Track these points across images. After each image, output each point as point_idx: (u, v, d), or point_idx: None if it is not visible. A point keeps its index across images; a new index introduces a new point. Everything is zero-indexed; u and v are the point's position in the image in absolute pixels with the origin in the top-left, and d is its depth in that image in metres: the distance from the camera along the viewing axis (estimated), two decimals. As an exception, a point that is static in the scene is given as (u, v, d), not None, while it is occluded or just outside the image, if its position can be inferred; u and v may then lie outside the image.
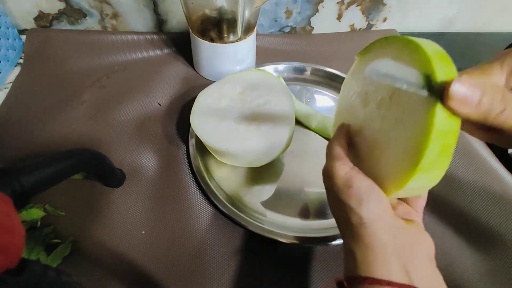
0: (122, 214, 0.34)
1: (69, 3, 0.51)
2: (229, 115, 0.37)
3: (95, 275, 0.30)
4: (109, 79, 0.48)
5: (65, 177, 0.26)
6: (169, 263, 0.31)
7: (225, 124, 0.36)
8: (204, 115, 0.37)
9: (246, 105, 0.37)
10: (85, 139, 0.40)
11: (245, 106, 0.37)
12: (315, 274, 0.32)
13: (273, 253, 0.33)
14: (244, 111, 0.37)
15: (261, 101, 0.38)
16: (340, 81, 0.50)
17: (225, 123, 0.36)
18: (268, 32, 0.60)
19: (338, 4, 0.58)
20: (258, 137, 0.35)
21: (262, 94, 0.38)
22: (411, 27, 0.64)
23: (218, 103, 0.38)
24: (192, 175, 0.38)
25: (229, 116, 0.36)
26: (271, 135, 0.35)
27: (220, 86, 0.39)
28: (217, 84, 0.40)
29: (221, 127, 0.36)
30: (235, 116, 0.36)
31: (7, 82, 0.46)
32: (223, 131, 0.35)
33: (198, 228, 0.34)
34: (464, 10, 0.63)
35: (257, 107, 0.37)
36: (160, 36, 0.55)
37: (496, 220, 0.35)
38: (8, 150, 0.38)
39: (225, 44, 0.44)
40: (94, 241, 0.32)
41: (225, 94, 0.38)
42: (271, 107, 0.37)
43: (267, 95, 0.38)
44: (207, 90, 0.39)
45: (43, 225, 0.32)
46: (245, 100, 0.38)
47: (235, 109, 0.37)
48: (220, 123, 0.36)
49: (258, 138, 0.35)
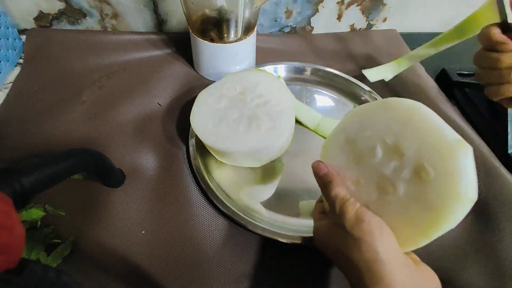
0: (122, 214, 0.34)
1: (69, 3, 0.51)
2: (229, 115, 0.37)
3: (95, 275, 0.30)
4: (109, 79, 0.48)
5: (65, 177, 0.26)
6: (169, 263, 0.31)
7: (225, 124, 0.36)
8: (204, 115, 0.37)
9: (246, 105, 0.37)
10: (85, 139, 0.40)
11: (245, 106, 0.37)
12: (316, 274, 0.32)
13: (273, 253, 0.33)
14: (244, 111, 0.37)
15: (261, 101, 0.38)
16: (340, 81, 0.50)
17: (225, 123, 0.36)
18: (268, 32, 0.60)
19: (338, 4, 0.58)
20: (259, 137, 0.35)
21: (262, 94, 0.38)
22: (411, 27, 0.64)
23: (218, 103, 0.38)
24: (192, 175, 0.38)
25: (229, 116, 0.36)
26: (271, 135, 0.35)
27: (220, 86, 0.39)
28: (217, 84, 0.40)
29: (221, 127, 0.36)
30: (235, 116, 0.36)
31: (7, 82, 0.46)
32: (223, 131, 0.35)
33: (198, 228, 0.34)
34: (464, 10, 0.63)
35: (257, 107, 0.37)
36: (160, 36, 0.55)
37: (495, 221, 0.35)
38: (8, 150, 0.38)
39: (225, 44, 0.44)
40: (94, 241, 0.32)
41: (225, 94, 0.38)
42: (271, 107, 0.37)
43: (267, 95, 0.38)
44: (207, 90, 0.39)
45: (43, 225, 0.32)
46: (245, 100, 0.38)
47: (235, 109, 0.37)
48: (220, 123, 0.36)
49: (258, 138, 0.35)
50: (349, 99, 0.49)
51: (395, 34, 0.63)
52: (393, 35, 0.63)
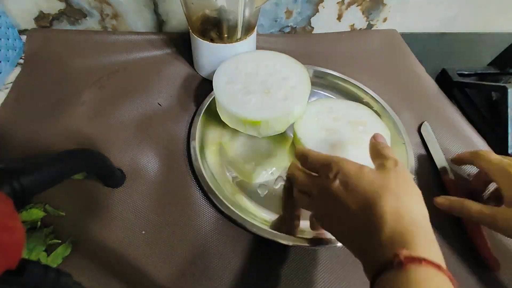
0: (122, 214, 0.34)
1: (69, 3, 0.51)
2: (251, 83, 0.39)
3: (95, 275, 0.30)
4: (109, 79, 0.48)
5: (66, 177, 0.26)
6: (169, 263, 0.31)
7: (247, 91, 0.38)
8: (226, 81, 0.39)
9: (267, 77, 0.40)
10: (85, 139, 0.40)
11: (266, 78, 0.39)
12: (318, 276, 0.32)
13: (274, 254, 0.33)
14: (265, 81, 0.39)
15: (279, 76, 0.40)
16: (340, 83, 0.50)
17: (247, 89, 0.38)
18: (268, 32, 0.60)
19: (338, 4, 0.58)
20: (280, 103, 0.37)
21: (281, 70, 0.40)
22: (411, 27, 0.64)
23: (239, 71, 0.40)
24: (192, 175, 0.38)
25: (251, 84, 0.39)
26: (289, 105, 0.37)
27: (239, 58, 0.42)
28: (236, 57, 0.42)
29: (243, 92, 0.38)
30: (256, 84, 0.39)
31: (7, 82, 0.46)
32: (245, 98, 0.37)
33: (198, 229, 0.34)
34: (464, 10, 0.63)
35: (277, 81, 0.39)
36: (160, 36, 0.55)
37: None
38: (8, 150, 0.38)
39: (225, 44, 0.44)
40: (94, 241, 0.32)
41: (246, 66, 0.41)
42: (289, 82, 0.39)
43: (286, 72, 0.40)
44: (229, 61, 0.41)
45: (43, 225, 0.32)
46: (266, 72, 0.40)
47: (257, 77, 0.40)
48: (243, 90, 0.38)
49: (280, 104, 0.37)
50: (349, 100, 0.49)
51: (395, 34, 0.63)
52: (393, 35, 0.63)
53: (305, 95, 0.38)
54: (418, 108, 0.49)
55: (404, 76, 0.55)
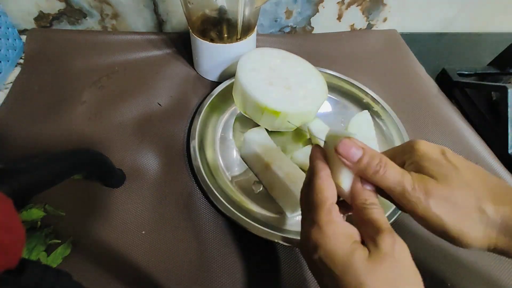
0: (122, 214, 0.34)
1: (69, 3, 0.51)
2: (274, 77, 0.39)
3: (95, 275, 0.30)
4: (109, 79, 0.48)
5: (65, 177, 0.26)
6: (169, 264, 0.31)
7: (270, 82, 0.39)
8: (251, 69, 0.39)
9: (289, 75, 0.40)
10: (85, 139, 0.40)
11: (288, 76, 0.40)
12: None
13: (274, 254, 0.33)
14: (287, 78, 0.40)
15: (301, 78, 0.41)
16: (340, 84, 0.50)
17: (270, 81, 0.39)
18: (268, 32, 0.60)
19: (338, 4, 0.58)
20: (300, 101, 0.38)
21: (303, 72, 0.42)
22: (411, 27, 0.64)
23: (264, 63, 0.41)
24: (192, 175, 0.38)
25: (274, 77, 0.39)
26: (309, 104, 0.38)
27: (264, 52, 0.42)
28: (262, 49, 0.43)
29: (265, 83, 0.38)
30: (279, 79, 0.39)
31: (7, 82, 0.46)
32: (267, 88, 0.38)
33: (198, 229, 0.34)
34: (464, 10, 0.63)
35: (297, 81, 0.40)
36: (160, 36, 0.55)
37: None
38: (8, 150, 0.38)
39: (225, 44, 0.44)
40: (94, 241, 0.32)
41: (271, 60, 0.41)
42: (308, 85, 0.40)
43: (306, 76, 0.41)
44: (255, 51, 0.42)
45: (43, 225, 0.32)
46: (289, 71, 0.41)
47: (280, 73, 0.40)
48: (266, 80, 0.39)
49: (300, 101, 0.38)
50: (350, 101, 0.49)
51: (395, 34, 0.63)
52: (393, 35, 0.63)
53: (322, 99, 0.39)
54: (418, 108, 0.49)
55: (404, 76, 0.55)
